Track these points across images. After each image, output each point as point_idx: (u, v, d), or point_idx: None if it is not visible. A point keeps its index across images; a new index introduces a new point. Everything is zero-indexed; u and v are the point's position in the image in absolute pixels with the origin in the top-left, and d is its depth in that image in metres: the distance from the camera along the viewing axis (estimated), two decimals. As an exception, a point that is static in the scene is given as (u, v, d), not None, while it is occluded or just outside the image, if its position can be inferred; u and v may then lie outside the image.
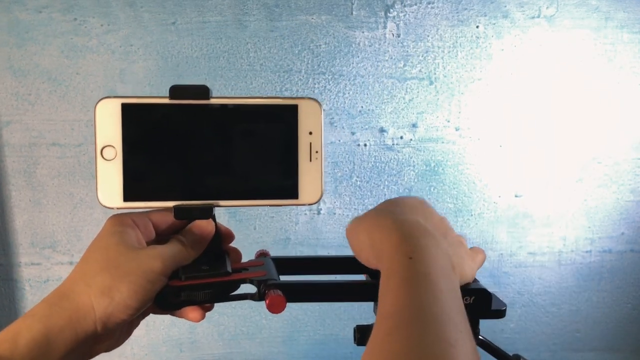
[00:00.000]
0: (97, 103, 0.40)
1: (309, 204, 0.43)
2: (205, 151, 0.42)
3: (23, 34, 0.97)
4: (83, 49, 0.99)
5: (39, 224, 1.05)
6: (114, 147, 0.41)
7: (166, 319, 1.09)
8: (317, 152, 0.43)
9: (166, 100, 0.41)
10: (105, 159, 0.41)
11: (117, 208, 0.41)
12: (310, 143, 0.42)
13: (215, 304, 0.44)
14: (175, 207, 0.41)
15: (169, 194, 0.42)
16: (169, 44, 0.99)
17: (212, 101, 0.41)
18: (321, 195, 0.43)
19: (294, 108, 0.42)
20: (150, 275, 0.38)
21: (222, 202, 0.42)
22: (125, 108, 0.41)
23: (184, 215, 0.42)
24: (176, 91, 0.41)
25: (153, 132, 0.41)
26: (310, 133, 0.42)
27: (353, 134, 1.04)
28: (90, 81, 1.00)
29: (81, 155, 1.02)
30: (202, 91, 0.41)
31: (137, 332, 1.25)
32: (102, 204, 0.41)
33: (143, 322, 1.20)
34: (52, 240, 1.05)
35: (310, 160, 0.43)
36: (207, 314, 0.43)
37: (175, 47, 0.99)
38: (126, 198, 0.41)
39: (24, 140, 1.01)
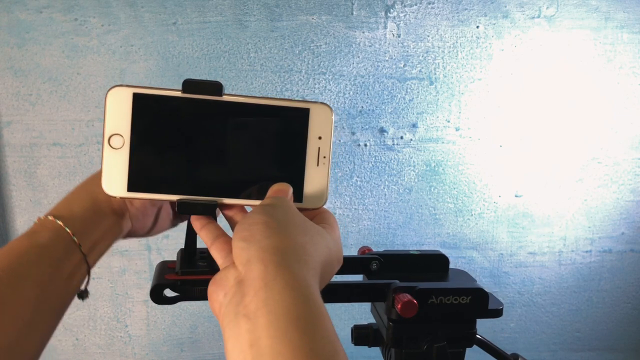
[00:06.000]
0: (108, 90, 0.40)
1: (313, 209, 0.42)
2: (214, 148, 0.42)
3: (24, 34, 0.97)
4: (84, 49, 0.99)
5: (39, 223, 1.05)
6: (122, 136, 0.40)
7: (167, 319, 1.09)
8: (324, 157, 0.42)
9: (178, 94, 0.40)
10: (113, 147, 0.41)
11: (121, 197, 0.41)
12: (319, 148, 0.42)
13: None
14: (179, 201, 0.41)
15: (173, 187, 0.41)
16: (169, 44, 0.99)
17: (225, 98, 0.41)
18: (325, 201, 0.42)
19: (306, 112, 0.42)
20: None
21: (226, 200, 0.42)
22: (137, 98, 0.40)
23: (187, 210, 0.42)
24: (189, 85, 0.40)
25: (162, 124, 0.41)
26: (320, 138, 0.42)
27: (353, 134, 1.05)
28: (91, 81, 1.00)
29: (82, 156, 1.03)
30: (216, 87, 0.41)
31: (137, 332, 1.24)
32: (105, 192, 0.41)
33: (144, 322, 1.19)
34: (52, 240, 1.06)
35: (318, 165, 0.42)
36: (206, 313, 0.44)
37: (176, 47, 0.99)
38: (130, 188, 0.41)
39: (24, 140, 1.01)
